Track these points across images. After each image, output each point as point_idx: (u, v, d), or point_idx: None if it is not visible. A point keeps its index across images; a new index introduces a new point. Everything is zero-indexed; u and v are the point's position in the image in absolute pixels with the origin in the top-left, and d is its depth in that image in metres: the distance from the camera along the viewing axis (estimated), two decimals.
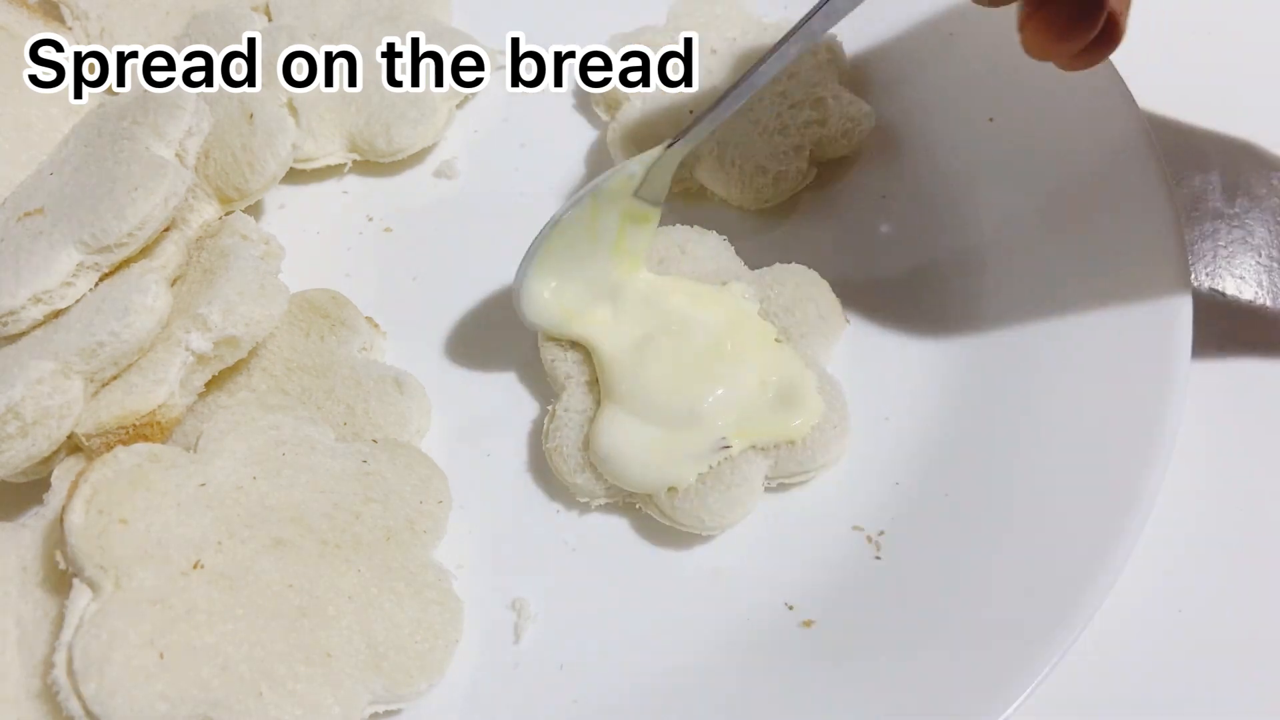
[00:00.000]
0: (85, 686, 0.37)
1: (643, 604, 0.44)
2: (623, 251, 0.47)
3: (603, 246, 0.47)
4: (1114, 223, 0.48)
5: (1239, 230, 0.53)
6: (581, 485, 0.45)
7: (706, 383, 0.44)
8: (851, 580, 0.43)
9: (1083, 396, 0.44)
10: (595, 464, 0.45)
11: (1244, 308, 0.52)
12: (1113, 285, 0.46)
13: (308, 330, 0.48)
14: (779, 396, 0.45)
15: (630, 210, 0.47)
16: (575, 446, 0.45)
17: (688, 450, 0.44)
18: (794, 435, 0.44)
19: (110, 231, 0.43)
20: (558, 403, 0.46)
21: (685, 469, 0.43)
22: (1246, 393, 0.49)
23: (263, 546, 0.41)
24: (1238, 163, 0.55)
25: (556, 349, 0.47)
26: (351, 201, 0.55)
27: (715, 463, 0.44)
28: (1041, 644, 0.39)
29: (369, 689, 0.39)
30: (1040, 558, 0.41)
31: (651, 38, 0.56)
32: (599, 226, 0.47)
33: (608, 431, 0.44)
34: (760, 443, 0.44)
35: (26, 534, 0.43)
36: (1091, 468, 0.42)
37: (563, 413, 0.46)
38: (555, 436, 0.46)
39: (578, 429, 0.45)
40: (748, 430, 0.44)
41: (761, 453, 0.44)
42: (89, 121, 0.49)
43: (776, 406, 0.44)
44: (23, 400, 0.41)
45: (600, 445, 0.44)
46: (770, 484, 0.45)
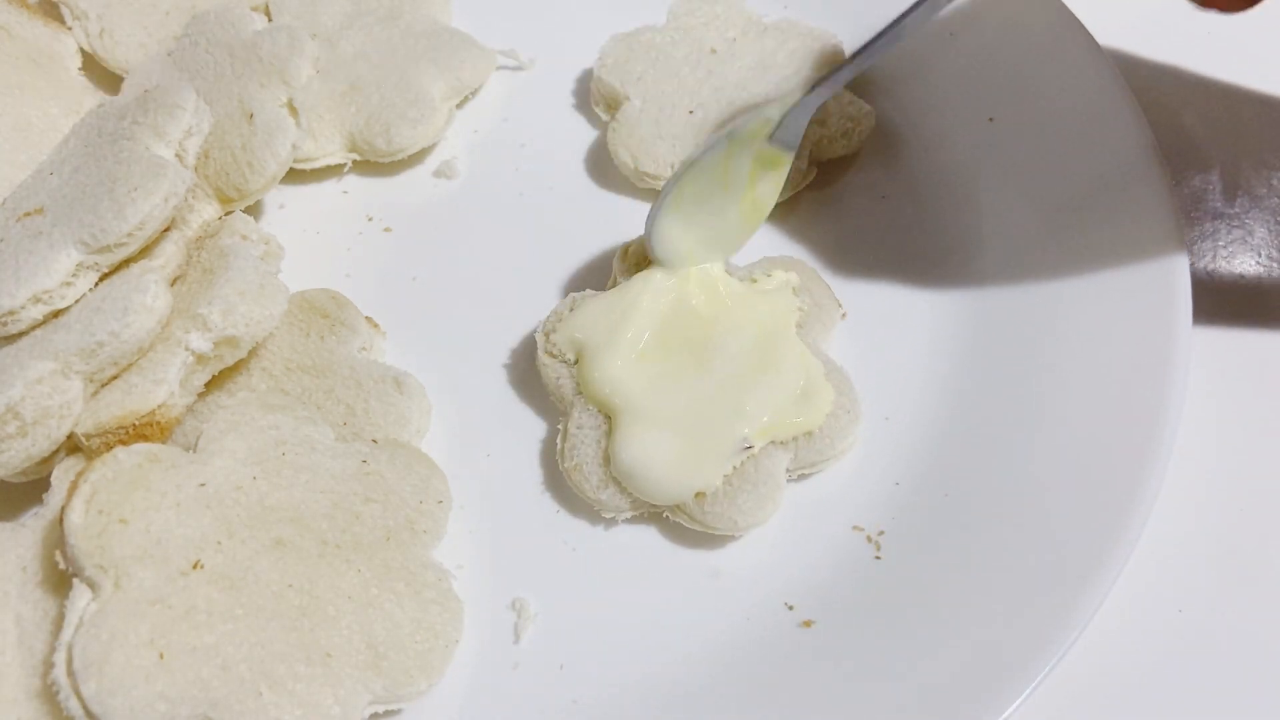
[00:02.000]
0: (85, 686, 0.37)
1: (643, 604, 0.44)
2: (751, 201, 0.47)
3: (733, 194, 0.47)
4: (1114, 223, 0.48)
5: (1239, 230, 0.53)
6: (606, 501, 0.44)
7: (738, 394, 0.44)
8: (851, 580, 0.43)
9: (1082, 397, 0.44)
10: (618, 479, 0.44)
11: (1244, 308, 0.52)
12: (1112, 285, 0.46)
13: (308, 330, 0.48)
14: (802, 394, 0.45)
15: (763, 154, 0.46)
16: (595, 463, 0.45)
17: (711, 455, 0.43)
18: (810, 426, 0.44)
19: (110, 231, 0.43)
20: (568, 420, 0.46)
21: (710, 474, 0.43)
22: (1247, 393, 0.49)
23: (262, 546, 0.41)
24: (1238, 163, 0.55)
25: (560, 366, 0.47)
26: (351, 201, 0.55)
27: (739, 463, 0.44)
28: (1041, 644, 0.38)
29: (369, 689, 0.39)
30: (1040, 557, 0.41)
31: (651, 37, 0.56)
32: (731, 173, 0.46)
33: (628, 446, 0.44)
34: (779, 437, 0.44)
35: (26, 534, 0.43)
36: (1091, 468, 0.42)
37: (575, 430, 0.45)
38: (573, 455, 0.45)
39: (594, 445, 0.45)
40: (769, 428, 0.44)
41: (781, 446, 0.44)
42: (89, 121, 0.49)
43: (798, 403, 0.44)
44: (22, 400, 0.41)
45: (622, 461, 0.43)
46: (791, 476, 0.45)
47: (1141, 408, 0.43)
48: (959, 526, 0.43)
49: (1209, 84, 0.57)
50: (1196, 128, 0.56)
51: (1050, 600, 0.39)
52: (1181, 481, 0.45)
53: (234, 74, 0.52)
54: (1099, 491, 0.41)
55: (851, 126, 0.53)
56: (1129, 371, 0.44)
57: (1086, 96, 0.51)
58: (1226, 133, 0.56)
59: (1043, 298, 0.48)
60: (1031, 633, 0.39)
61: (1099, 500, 0.41)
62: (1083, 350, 0.46)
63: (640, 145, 0.53)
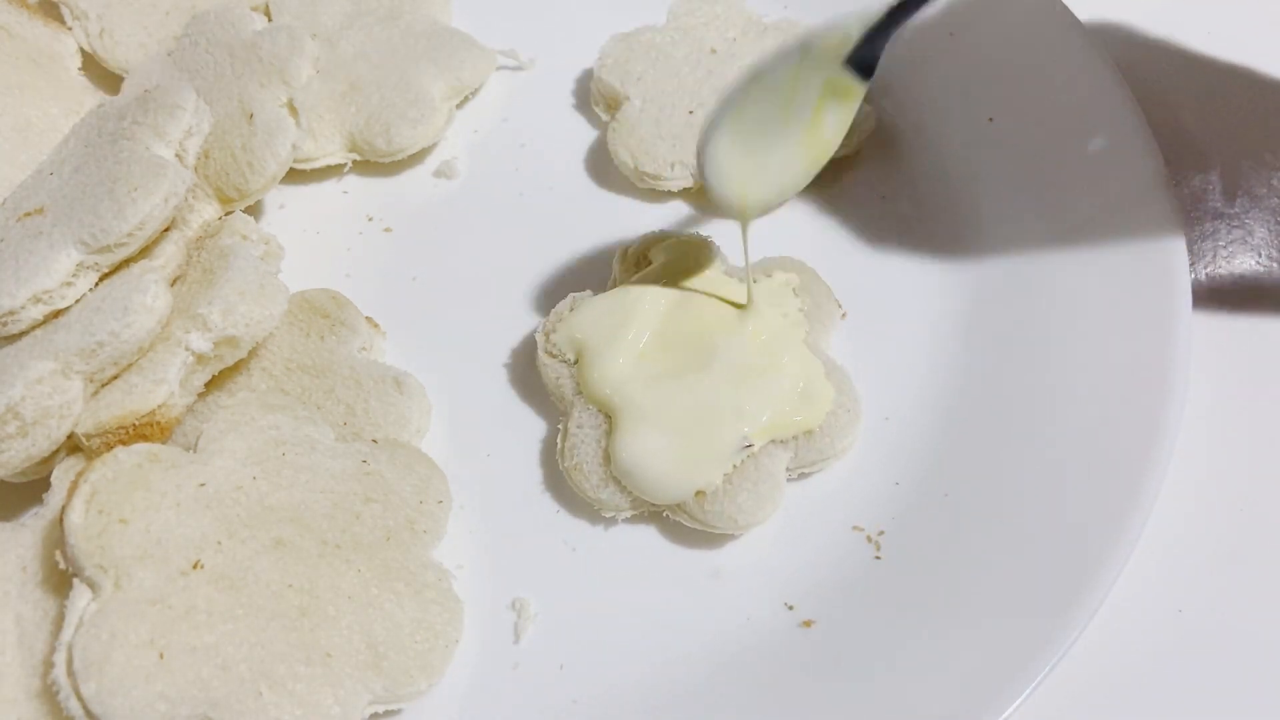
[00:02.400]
0: (85, 686, 0.37)
1: (643, 604, 0.44)
2: (814, 137, 0.42)
3: (795, 124, 0.41)
4: (1113, 223, 0.48)
5: (1239, 230, 0.53)
6: (606, 500, 0.44)
7: (738, 393, 0.44)
8: (851, 580, 0.43)
9: (1082, 398, 0.44)
10: (619, 478, 0.44)
11: (1244, 308, 0.52)
12: (1112, 287, 0.46)
13: (308, 330, 0.48)
14: (802, 394, 0.44)
15: (835, 81, 0.41)
16: (596, 462, 0.44)
17: (710, 455, 0.43)
18: (811, 425, 0.44)
19: (110, 231, 0.43)
20: (568, 420, 0.46)
21: (710, 473, 0.43)
22: (1247, 393, 0.49)
23: (262, 546, 0.41)
24: (1238, 163, 0.55)
25: (559, 366, 0.46)
26: (351, 201, 0.55)
27: (739, 462, 0.44)
28: (1041, 644, 0.39)
29: (369, 689, 0.39)
30: (1040, 558, 0.41)
31: (651, 37, 0.56)
32: (798, 95, 0.40)
33: (628, 446, 0.43)
34: (780, 436, 0.44)
35: (26, 534, 0.42)
36: (1091, 467, 0.42)
37: (575, 430, 0.45)
38: (573, 455, 0.45)
39: (594, 444, 0.45)
40: (769, 427, 0.44)
41: (781, 445, 0.44)
42: (89, 121, 0.49)
43: (798, 402, 0.44)
44: (22, 400, 0.41)
45: (622, 460, 0.43)
46: (791, 475, 0.45)
47: (1142, 408, 0.43)
48: (959, 526, 0.43)
49: (1209, 84, 0.57)
50: (1196, 128, 0.56)
51: (1050, 600, 0.39)
52: (1182, 481, 0.45)
53: (234, 74, 0.51)
54: (1099, 491, 0.41)
55: (852, 126, 0.53)
56: (1129, 371, 0.44)
57: (1086, 96, 0.51)
58: (1226, 133, 0.56)
59: (1042, 298, 0.48)
60: (1031, 633, 0.39)
61: (1099, 500, 0.41)
62: (1082, 350, 0.46)
63: (640, 145, 0.53)
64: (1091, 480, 0.42)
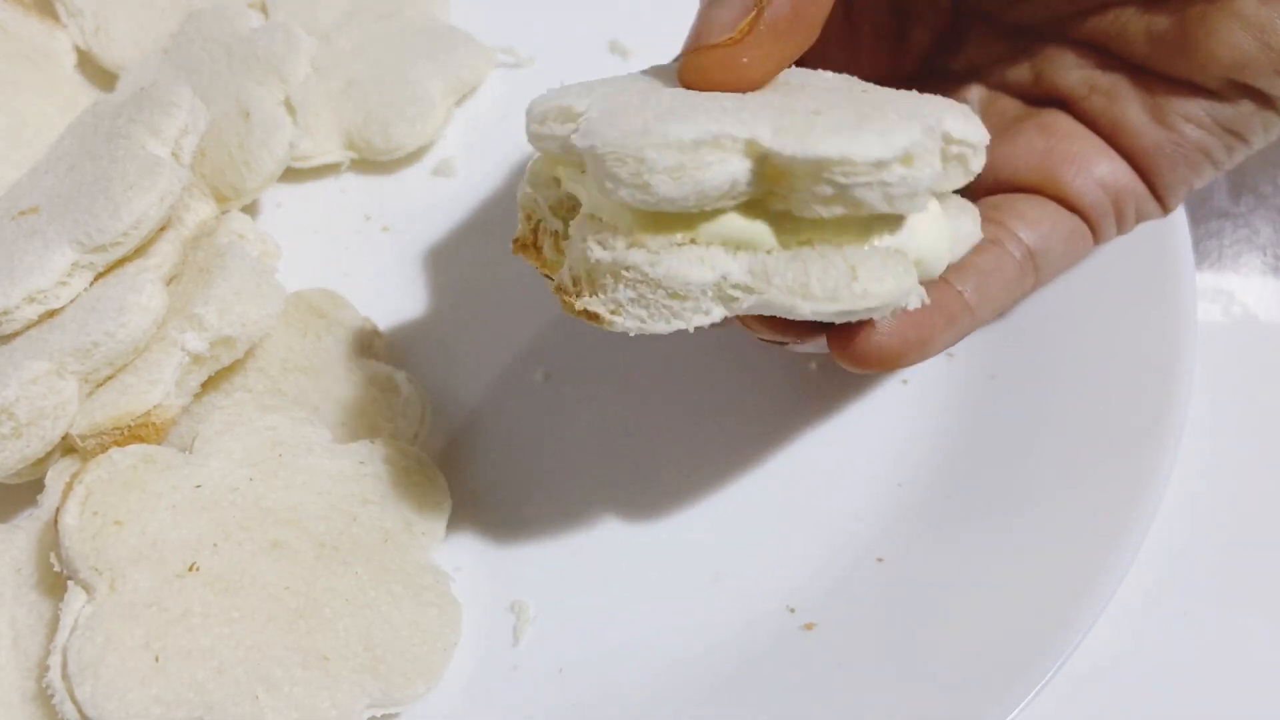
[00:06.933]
0: (80, 689, 0.37)
1: (643, 606, 0.43)
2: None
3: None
4: None
5: (1244, 229, 0.53)
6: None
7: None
8: (853, 583, 0.43)
9: (1085, 398, 0.44)
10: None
11: (1249, 307, 0.52)
12: (1116, 287, 0.46)
13: (305, 330, 0.48)
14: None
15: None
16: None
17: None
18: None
19: (105, 230, 0.43)
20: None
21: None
22: (1251, 393, 0.49)
23: (259, 548, 0.40)
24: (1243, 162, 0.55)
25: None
26: (349, 200, 0.55)
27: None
28: (1044, 647, 0.38)
29: (366, 692, 0.39)
30: (1043, 560, 0.41)
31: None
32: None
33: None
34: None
35: (21, 536, 0.42)
36: (1094, 469, 0.42)
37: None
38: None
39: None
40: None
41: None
42: (84, 119, 0.49)
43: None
44: (17, 401, 0.41)
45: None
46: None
47: (1146, 409, 0.43)
48: (961, 528, 0.43)
49: None
50: None
51: (1053, 603, 0.39)
52: (1186, 484, 0.45)
53: (230, 71, 0.51)
54: (1102, 495, 0.41)
55: None
56: (1133, 372, 0.44)
57: None
58: None
59: (1045, 298, 0.47)
60: (1033, 635, 0.39)
61: (1102, 503, 0.41)
62: (1086, 350, 0.46)
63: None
64: (1095, 482, 0.42)
